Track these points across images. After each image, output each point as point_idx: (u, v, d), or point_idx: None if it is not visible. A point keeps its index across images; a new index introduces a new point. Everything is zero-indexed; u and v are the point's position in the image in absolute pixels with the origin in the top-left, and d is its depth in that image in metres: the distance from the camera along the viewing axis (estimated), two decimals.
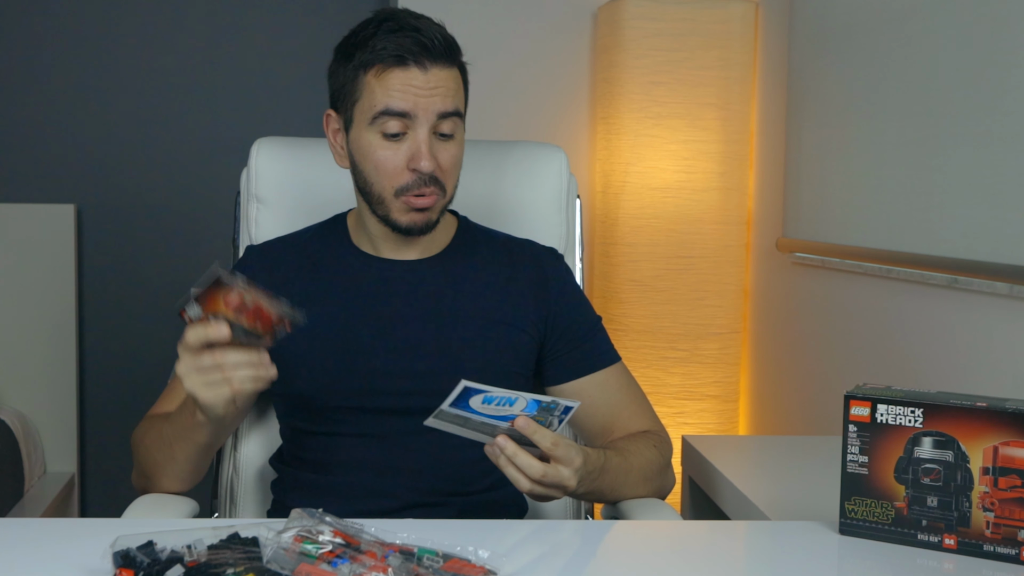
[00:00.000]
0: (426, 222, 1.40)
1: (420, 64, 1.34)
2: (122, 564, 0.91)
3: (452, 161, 1.39)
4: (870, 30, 2.08)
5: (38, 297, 3.07)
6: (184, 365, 1.20)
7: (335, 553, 0.92)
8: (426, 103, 1.34)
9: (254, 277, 1.47)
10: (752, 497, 1.51)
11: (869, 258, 2.05)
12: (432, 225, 1.42)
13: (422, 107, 1.34)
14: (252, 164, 1.67)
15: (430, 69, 1.34)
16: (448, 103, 1.36)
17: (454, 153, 1.39)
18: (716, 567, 1.11)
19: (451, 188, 1.41)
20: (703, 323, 2.71)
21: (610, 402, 1.48)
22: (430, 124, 1.35)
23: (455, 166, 1.40)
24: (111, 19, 3.21)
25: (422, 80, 1.34)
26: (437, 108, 1.35)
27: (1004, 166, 1.65)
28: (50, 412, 3.10)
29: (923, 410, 1.10)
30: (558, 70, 2.92)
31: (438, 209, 1.41)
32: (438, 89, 1.35)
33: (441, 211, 1.42)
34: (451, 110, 1.36)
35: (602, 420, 1.47)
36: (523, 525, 1.32)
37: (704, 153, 2.70)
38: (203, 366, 1.19)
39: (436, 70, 1.34)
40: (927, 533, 1.10)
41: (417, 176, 1.36)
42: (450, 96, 1.36)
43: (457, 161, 1.40)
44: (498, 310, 1.46)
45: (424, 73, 1.34)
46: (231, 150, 3.10)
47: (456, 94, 1.38)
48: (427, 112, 1.34)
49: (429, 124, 1.35)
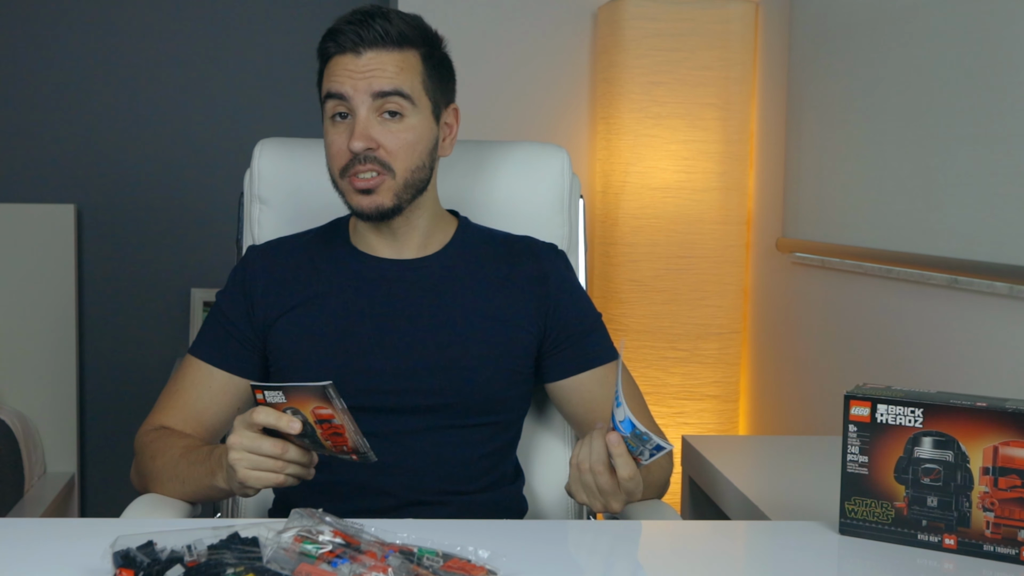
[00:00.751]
0: (375, 207, 1.39)
1: (353, 49, 1.39)
2: (122, 564, 0.91)
3: (398, 142, 1.39)
4: (870, 30, 2.08)
5: (38, 297, 3.07)
6: (240, 440, 1.18)
7: (335, 553, 0.92)
8: (361, 84, 1.38)
9: (255, 277, 1.48)
10: (752, 497, 1.51)
11: (869, 258, 2.05)
12: (387, 210, 1.40)
13: (357, 88, 1.38)
14: (255, 165, 1.67)
15: (364, 53, 1.38)
16: (384, 83, 1.38)
17: (401, 134, 1.39)
18: (716, 567, 1.11)
19: (402, 170, 1.40)
20: (703, 323, 2.71)
21: (609, 397, 1.47)
22: (367, 105, 1.38)
23: (403, 147, 1.39)
24: (111, 19, 3.21)
25: (356, 64, 1.38)
26: (371, 88, 1.37)
27: (1004, 166, 1.65)
28: (50, 412, 3.10)
29: (923, 410, 1.10)
30: (558, 70, 2.92)
31: (388, 193, 1.40)
32: (374, 71, 1.38)
33: (398, 196, 1.40)
34: (388, 89, 1.38)
35: (600, 416, 1.46)
36: (523, 525, 1.32)
37: (704, 153, 2.70)
38: (262, 451, 1.18)
39: (372, 54, 1.38)
40: (927, 533, 1.10)
41: (355, 155, 1.38)
42: (387, 77, 1.38)
43: (406, 142, 1.39)
44: (497, 307, 1.46)
45: (358, 57, 1.38)
46: (233, 151, 3.10)
47: (398, 76, 1.39)
48: (361, 93, 1.37)
49: (366, 105, 1.38)
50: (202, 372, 1.45)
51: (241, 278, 1.49)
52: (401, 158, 1.39)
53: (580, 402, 1.48)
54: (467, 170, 1.68)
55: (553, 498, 1.64)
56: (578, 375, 1.48)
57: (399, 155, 1.39)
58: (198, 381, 1.45)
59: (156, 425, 1.44)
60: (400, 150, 1.39)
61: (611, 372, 1.49)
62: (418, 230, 1.47)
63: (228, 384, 1.45)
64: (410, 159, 1.40)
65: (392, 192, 1.40)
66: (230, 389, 1.45)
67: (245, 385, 1.44)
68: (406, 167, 1.40)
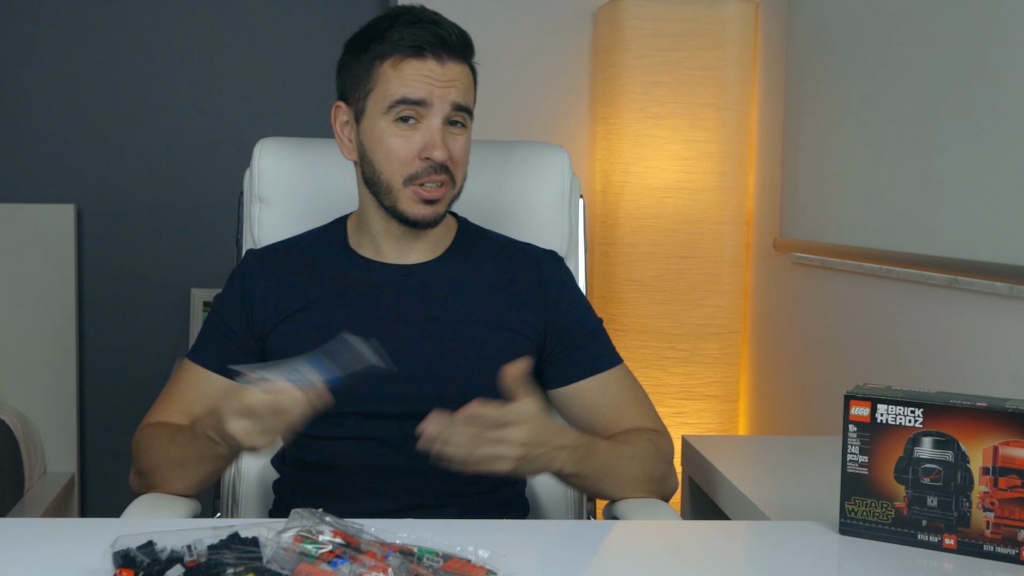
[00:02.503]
0: (434, 215, 1.41)
1: (437, 56, 1.37)
2: (122, 564, 0.91)
3: (462, 152, 1.41)
4: (868, 30, 2.08)
5: (38, 297, 3.07)
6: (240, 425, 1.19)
7: (335, 553, 0.92)
8: (442, 93, 1.37)
9: (254, 283, 1.47)
10: (752, 497, 1.51)
11: (869, 258, 2.05)
12: (440, 218, 1.43)
13: (438, 96, 1.37)
14: (255, 164, 1.67)
15: (447, 62, 1.37)
16: (462, 96, 1.39)
17: (465, 145, 1.42)
18: (716, 567, 1.11)
19: (460, 180, 1.43)
20: (703, 323, 2.71)
21: (611, 404, 1.48)
22: (444, 114, 1.37)
23: (465, 157, 1.43)
24: (111, 19, 3.21)
25: (439, 71, 1.37)
26: (452, 99, 1.37)
27: (1004, 166, 1.65)
28: (50, 412, 3.10)
29: (923, 410, 1.10)
30: (558, 70, 2.92)
31: (447, 201, 1.42)
32: (454, 81, 1.38)
33: (449, 203, 1.44)
34: (462, 103, 1.39)
35: (603, 423, 1.47)
36: (523, 525, 1.32)
37: (704, 153, 2.70)
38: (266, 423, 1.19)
39: (452, 63, 1.38)
40: (927, 533, 1.10)
41: (428, 164, 1.37)
42: (463, 90, 1.39)
43: (467, 153, 1.43)
44: (498, 314, 1.46)
45: (441, 65, 1.37)
46: (233, 150, 3.10)
47: (469, 90, 1.41)
48: (443, 102, 1.37)
49: (444, 114, 1.37)
50: (200, 377, 1.45)
51: (239, 284, 1.48)
52: (461, 167, 1.42)
53: (581, 408, 1.48)
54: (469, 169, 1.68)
55: (553, 498, 1.64)
56: (579, 382, 1.47)
57: (461, 164, 1.42)
58: (195, 385, 1.44)
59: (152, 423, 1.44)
60: (463, 159, 1.42)
61: (612, 378, 1.49)
62: (432, 235, 1.48)
63: (228, 389, 1.42)
64: (465, 168, 1.44)
65: (448, 201, 1.43)
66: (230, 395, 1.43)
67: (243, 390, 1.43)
68: (462, 176, 1.44)
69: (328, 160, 1.66)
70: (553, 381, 1.49)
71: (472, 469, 1.21)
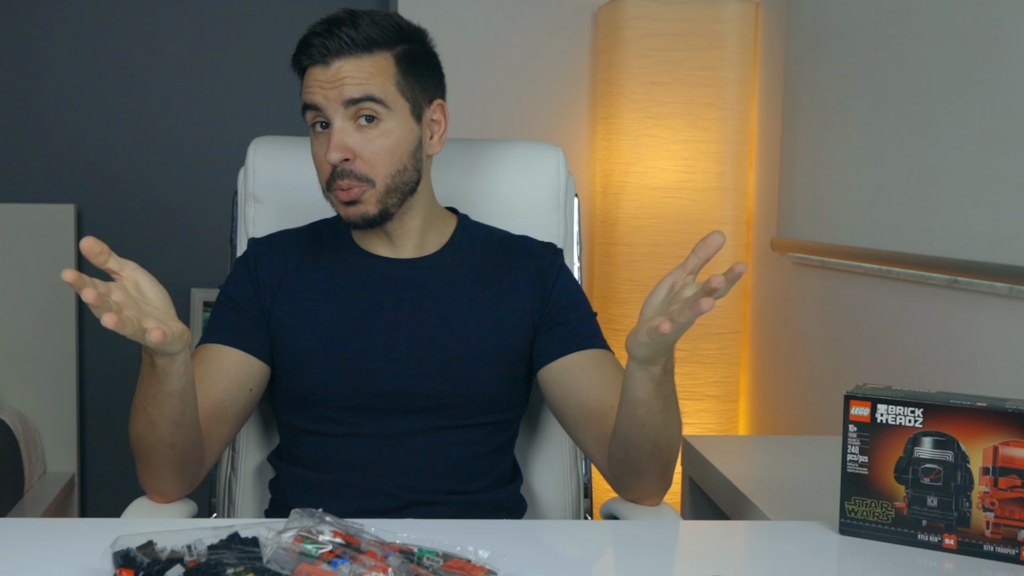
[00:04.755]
0: (360, 215, 1.39)
1: (322, 60, 1.38)
2: (122, 564, 0.91)
3: (375, 148, 1.38)
4: (868, 30, 2.08)
5: (38, 297, 3.07)
6: None
7: (335, 553, 0.92)
8: (331, 94, 1.37)
9: (260, 266, 1.47)
10: (752, 497, 1.51)
11: (869, 258, 2.05)
12: (374, 218, 1.40)
13: (328, 98, 1.37)
14: (249, 163, 1.67)
15: (332, 63, 1.37)
16: (354, 90, 1.36)
17: (377, 140, 1.38)
18: (716, 567, 1.11)
19: (382, 177, 1.38)
20: (703, 323, 2.71)
21: (606, 377, 1.40)
22: (340, 114, 1.37)
23: (379, 153, 1.38)
24: (111, 19, 3.21)
25: (326, 74, 1.38)
26: (342, 97, 1.36)
27: (1003, 166, 1.65)
28: (50, 412, 3.10)
29: (923, 410, 1.10)
30: (558, 70, 2.92)
31: (371, 201, 1.39)
32: (343, 80, 1.37)
33: (382, 202, 1.39)
34: (358, 96, 1.36)
35: (598, 396, 1.39)
36: (523, 525, 1.32)
37: (704, 153, 2.70)
38: None
39: (339, 62, 1.37)
40: (927, 533, 1.10)
41: (333, 168, 1.38)
42: (356, 83, 1.37)
43: (382, 148, 1.38)
44: (495, 307, 1.46)
45: (327, 68, 1.38)
46: (229, 149, 3.10)
47: (368, 81, 1.37)
48: (332, 103, 1.37)
49: (339, 114, 1.37)
50: (211, 352, 1.41)
51: (247, 266, 1.48)
52: (380, 165, 1.38)
53: (572, 381, 1.41)
54: (463, 169, 1.68)
55: (552, 498, 1.64)
56: (567, 356, 1.43)
57: (376, 162, 1.38)
58: (206, 360, 1.40)
59: None
60: (376, 157, 1.38)
61: (605, 356, 1.44)
62: (413, 231, 1.47)
63: (243, 362, 1.41)
64: (390, 164, 1.39)
65: (375, 200, 1.39)
66: (245, 368, 1.41)
67: (258, 366, 1.41)
68: (386, 173, 1.39)
69: None
70: (542, 358, 1.45)
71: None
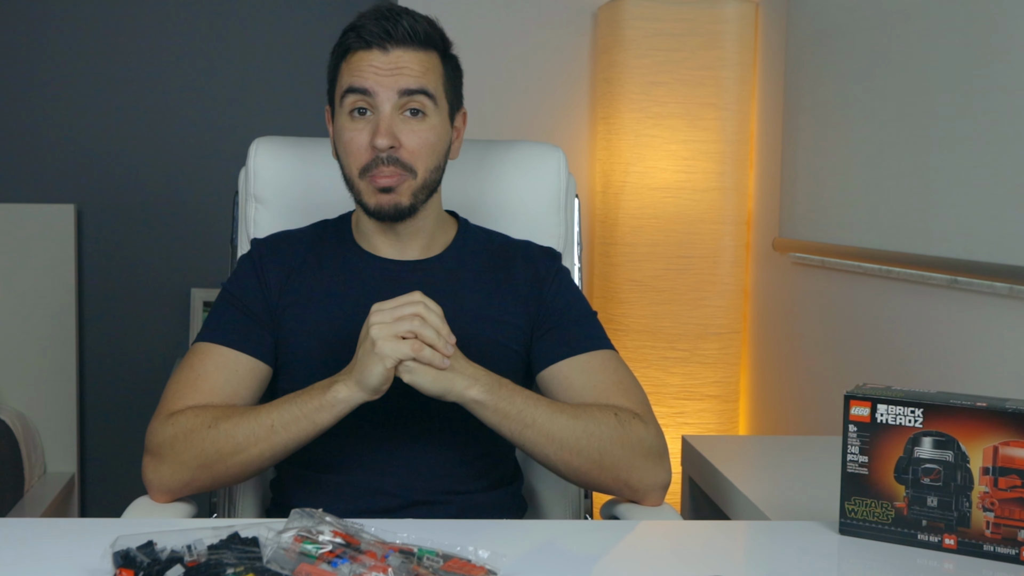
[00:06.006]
0: (393, 205, 1.39)
1: (380, 46, 1.38)
2: (122, 564, 0.91)
3: (420, 142, 1.39)
4: (868, 30, 2.08)
5: (38, 297, 3.07)
6: (379, 313, 1.25)
7: (335, 553, 0.92)
8: (387, 81, 1.37)
9: (265, 266, 1.47)
10: (752, 497, 1.51)
11: (869, 258, 2.05)
12: (404, 210, 1.40)
13: (383, 84, 1.37)
14: (250, 164, 1.67)
15: (391, 51, 1.37)
16: (411, 81, 1.37)
17: (424, 133, 1.39)
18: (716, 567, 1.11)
19: (423, 171, 1.40)
20: (703, 323, 2.71)
21: (589, 384, 1.41)
22: (392, 102, 1.37)
23: (424, 147, 1.39)
24: (111, 19, 3.21)
25: (383, 60, 1.37)
26: (399, 86, 1.37)
27: (1003, 166, 1.65)
28: (50, 412, 3.10)
29: (923, 410, 1.10)
30: (558, 70, 2.92)
31: (407, 192, 1.40)
32: (401, 69, 1.37)
33: (415, 196, 1.41)
34: (414, 87, 1.38)
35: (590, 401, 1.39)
36: (523, 525, 1.32)
37: (704, 153, 2.70)
38: (401, 312, 1.24)
39: (399, 52, 1.38)
40: (927, 533, 1.10)
41: (377, 154, 1.37)
42: (415, 76, 1.38)
43: (427, 142, 1.39)
44: (495, 311, 1.46)
45: (385, 54, 1.37)
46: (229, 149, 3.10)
47: (424, 75, 1.39)
48: (387, 90, 1.37)
49: (391, 102, 1.37)
50: (224, 356, 1.39)
51: (253, 266, 1.47)
52: (422, 158, 1.40)
53: (559, 389, 1.42)
54: (463, 169, 1.68)
55: (552, 498, 1.64)
56: (560, 362, 1.43)
57: (421, 155, 1.39)
58: (222, 365, 1.39)
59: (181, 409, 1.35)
60: (421, 149, 1.39)
61: (597, 359, 1.43)
62: (423, 231, 1.47)
63: (254, 369, 1.40)
64: (430, 159, 1.41)
65: (411, 192, 1.40)
66: (257, 375, 1.40)
67: (262, 368, 1.41)
68: (426, 167, 1.41)
69: (324, 159, 1.65)
70: (538, 362, 1.45)
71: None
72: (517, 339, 1.46)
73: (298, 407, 1.28)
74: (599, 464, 1.32)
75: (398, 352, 1.23)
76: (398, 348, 1.22)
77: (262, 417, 1.29)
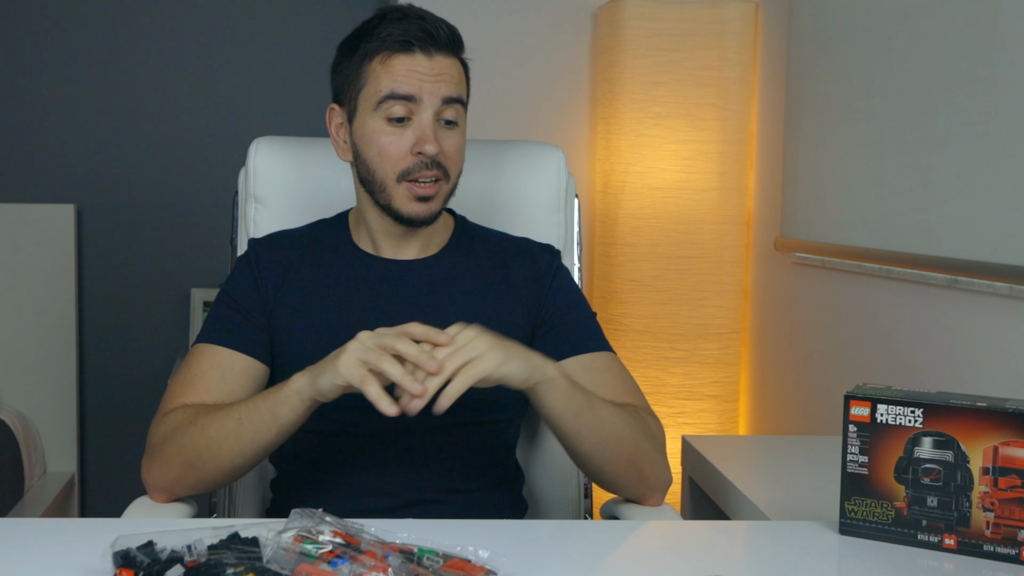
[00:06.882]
0: (429, 212, 1.40)
1: (425, 50, 1.36)
2: (122, 564, 0.91)
3: (455, 147, 1.40)
4: (868, 30, 2.08)
5: (38, 297, 3.07)
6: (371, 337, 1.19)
7: (335, 553, 0.92)
8: (431, 87, 1.36)
9: (262, 266, 1.47)
10: (752, 497, 1.51)
11: (869, 258, 2.05)
12: (435, 216, 1.42)
13: (427, 91, 1.36)
14: (250, 163, 1.67)
15: (435, 56, 1.37)
16: (452, 89, 1.38)
17: (457, 140, 1.41)
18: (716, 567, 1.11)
19: (455, 176, 1.42)
20: (703, 323, 2.71)
21: (597, 383, 1.40)
22: (435, 109, 1.37)
23: (458, 152, 1.41)
24: (111, 19, 3.21)
25: (427, 66, 1.36)
26: (442, 93, 1.37)
27: (1004, 166, 1.65)
28: (50, 412, 3.10)
29: (923, 410, 1.10)
30: (558, 70, 2.92)
31: (441, 198, 1.41)
32: (443, 75, 1.37)
33: (444, 200, 1.43)
34: (455, 96, 1.38)
35: None
36: (523, 525, 1.32)
37: (704, 153, 2.70)
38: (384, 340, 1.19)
39: (440, 57, 1.37)
40: (927, 533, 1.10)
41: (420, 159, 1.37)
42: (454, 83, 1.38)
43: (460, 148, 1.42)
44: (494, 309, 1.46)
45: (429, 59, 1.36)
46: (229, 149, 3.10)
47: (459, 83, 1.40)
48: (432, 96, 1.36)
49: (434, 109, 1.37)
50: (221, 356, 1.40)
51: (249, 267, 1.48)
52: (455, 163, 1.41)
53: None
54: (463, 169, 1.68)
55: (553, 498, 1.64)
56: (568, 359, 1.42)
57: (455, 160, 1.41)
58: (219, 364, 1.39)
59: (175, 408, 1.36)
60: (456, 154, 1.41)
61: (599, 359, 1.44)
62: (426, 232, 1.48)
63: (250, 368, 1.40)
64: (459, 165, 1.43)
65: (443, 197, 1.42)
66: (253, 374, 1.40)
67: (260, 368, 1.41)
68: (457, 171, 1.42)
69: (323, 159, 1.66)
70: None
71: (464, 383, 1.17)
72: (516, 336, 1.45)
73: (262, 399, 1.27)
74: (631, 456, 1.31)
75: (352, 376, 1.18)
76: (353, 372, 1.18)
77: (232, 411, 1.28)
